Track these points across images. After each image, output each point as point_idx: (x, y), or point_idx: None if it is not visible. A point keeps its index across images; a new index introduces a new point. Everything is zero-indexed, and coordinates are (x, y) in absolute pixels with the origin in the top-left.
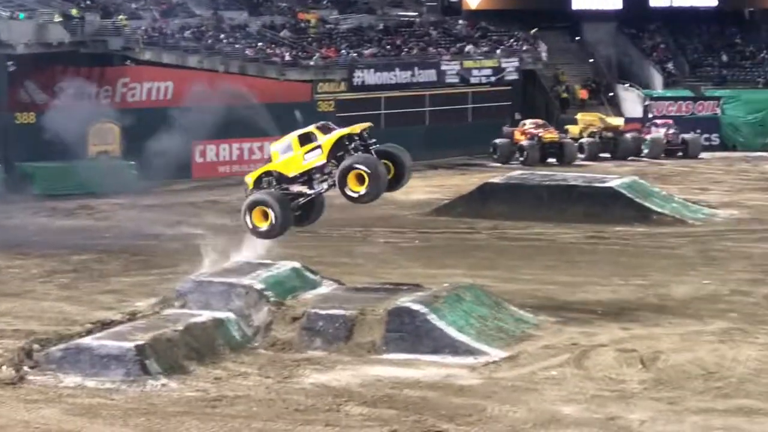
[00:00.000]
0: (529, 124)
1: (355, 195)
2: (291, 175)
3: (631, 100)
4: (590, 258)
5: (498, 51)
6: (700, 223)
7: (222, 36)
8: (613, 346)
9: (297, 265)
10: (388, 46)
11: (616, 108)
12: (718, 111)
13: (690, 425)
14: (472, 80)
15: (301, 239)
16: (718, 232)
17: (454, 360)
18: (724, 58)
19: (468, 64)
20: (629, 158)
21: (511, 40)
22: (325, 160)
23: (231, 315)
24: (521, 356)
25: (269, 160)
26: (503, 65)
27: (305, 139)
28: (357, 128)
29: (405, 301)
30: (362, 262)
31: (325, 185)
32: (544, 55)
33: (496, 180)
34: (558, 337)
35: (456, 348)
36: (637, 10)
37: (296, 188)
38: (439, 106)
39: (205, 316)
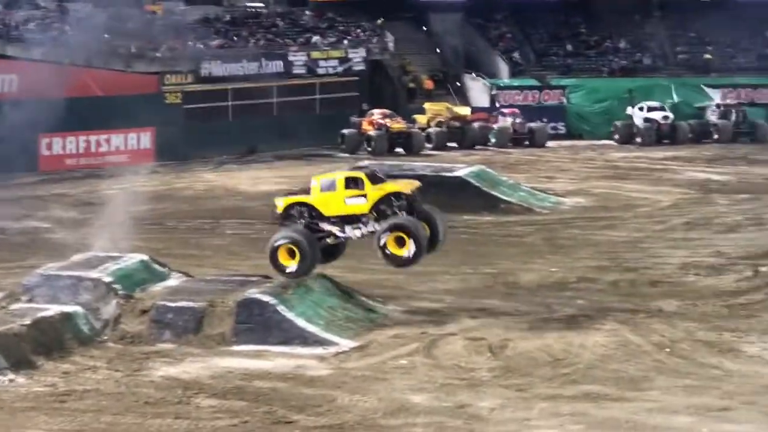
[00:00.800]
0: (376, 114)
1: (394, 256)
2: (327, 214)
3: (478, 90)
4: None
5: (345, 41)
6: (547, 212)
7: (67, 28)
8: (462, 335)
9: (145, 257)
10: (236, 38)
11: (463, 98)
12: (564, 100)
13: (538, 411)
14: (320, 71)
15: (149, 231)
16: (565, 220)
17: (304, 351)
18: (569, 47)
19: (315, 54)
20: (476, 147)
21: (358, 31)
22: (367, 211)
23: (79, 309)
24: (371, 346)
25: (306, 191)
26: (350, 56)
27: (352, 182)
28: (408, 187)
29: (254, 292)
30: (211, 254)
31: (358, 233)
32: (391, 45)
33: None
34: (407, 327)
35: (305, 339)
36: (483, 0)
37: (327, 227)
38: (286, 97)
39: (52, 310)
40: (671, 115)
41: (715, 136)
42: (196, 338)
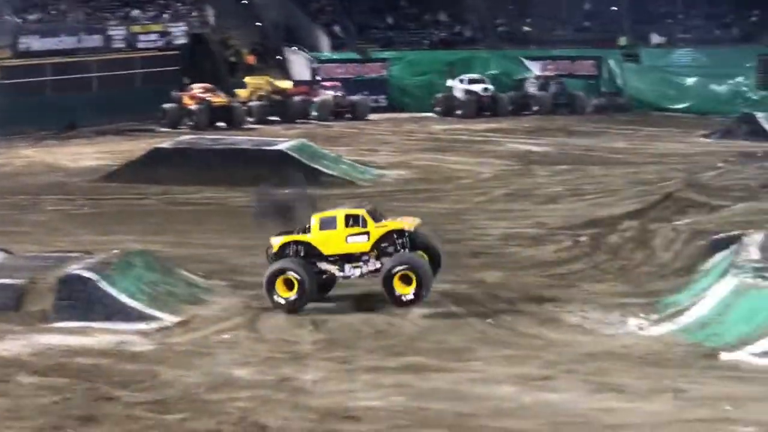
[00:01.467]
0: (197, 88)
1: (402, 298)
2: (327, 253)
3: (299, 63)
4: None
5: (165, 15)
6: (369, 184)
7: None
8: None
9: None
10: (54, 11)
11: (284, 71)
12: (385, 73)
13: (362, 383)
14: (140, 45)
15: None
16: (387, 192)
17: (127, 326)
18: (390, 20)
19: (135, 29)
20: (298, 121)
21: (178, 5)
22: (368, 249)
23: None
24: (194, 321)
25: (305, 230)
26: (170, 30)
27: (352, 220)
28: (411, 225)
29: (75, 268)
30: (30, 230)
31: (357, 272)
32: (211, 19)
33: (165, 145)
34: (230, 301)
35: (128, 314)
36: None
37: (325, 266)
38: (106, 72)
39: None
40: (491, 87)
41: (535, 108)
42: (16, 315)
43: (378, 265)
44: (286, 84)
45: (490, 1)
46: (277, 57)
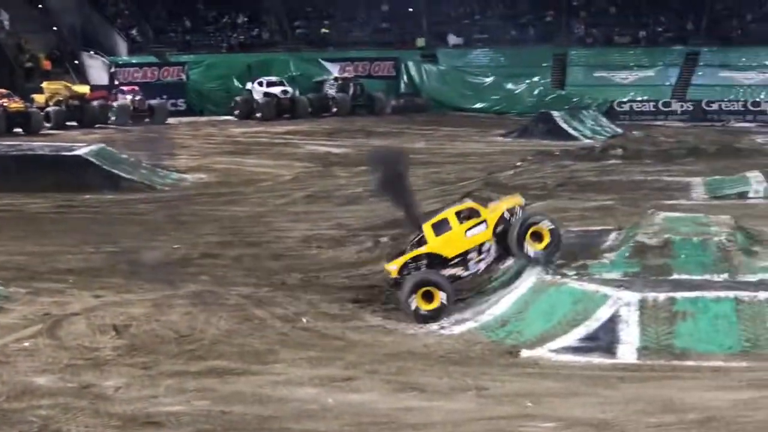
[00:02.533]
0: None
1: (536, 253)
2: (450, 255)
3: (97, 68)
4: (60, 227)
5: None
6: (169, 189)
7: None
8: (86, 315)
9: None
10: None
11: (82, 76)
12: (184, 76)
13: (164, 388)
14: None
15: None
16: (187, 196)
17: None
18: (188, 23)
19: None
20: (97, 126)
21: None
22: (490, 237)
23: None
24: None
25: (418, 243)
26: None
27: (464, 214)
28: (520, 200)
29: None
30: None
31: (483, 264)
32: (6, 23)
33: None
34: (30, 308)
35: None
36: None
37: (450, 271)
38: None
39: None
40: (290, 90)
41: (334, 110)
42: None
43: (499, 252)
44: (84, 89)
45: (288, 4)
46: (75, 61)
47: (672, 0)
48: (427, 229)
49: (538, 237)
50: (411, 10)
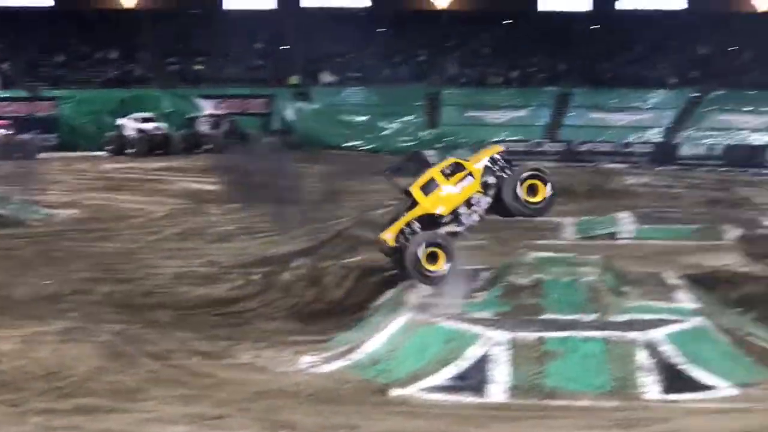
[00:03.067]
0: None
1: (535, 204)
2: (445, 213)
3: None
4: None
5: None
6: (40, 224)
7: None
8: None
9: None
10: None
11: None
12: (56, 111)
13: (32, 426)
14: None
15: None
16: (59, 232)
17: None
18: (61, 58)
19: None
20: None
21: None
22: (479, 187)
23: None
24: None
25: (410, 207)
26: None
27: (449, 169)
28: (499, 148)
29: None
30: None
31: (476, 216)
32: None
33: None
34: None
35: None
36: None
37: (446, 229)
38: None
39: None
40: (163, 126)
41: (207, 146)
42: None
43: (489, 200)
44: None
45: (162, 40)
46: None
47: (545, 41)
48: (416, 191)
49: (533, 190)
50: (286, 47)
